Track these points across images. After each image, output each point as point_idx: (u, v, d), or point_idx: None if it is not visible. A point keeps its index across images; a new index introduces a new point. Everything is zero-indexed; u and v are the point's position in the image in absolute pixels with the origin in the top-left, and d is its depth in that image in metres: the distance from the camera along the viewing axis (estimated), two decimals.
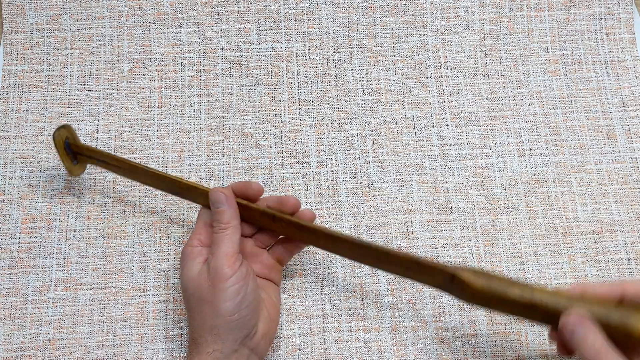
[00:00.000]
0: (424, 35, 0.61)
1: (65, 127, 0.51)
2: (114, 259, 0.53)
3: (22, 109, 0.58)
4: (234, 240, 0.45)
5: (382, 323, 0.51)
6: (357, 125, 0.58)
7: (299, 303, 0.52)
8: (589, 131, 0.58)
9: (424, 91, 0.60)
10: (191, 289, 0.45)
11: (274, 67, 0.60)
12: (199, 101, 0.59)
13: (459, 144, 0.58)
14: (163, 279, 0.53)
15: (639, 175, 0.57)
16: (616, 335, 0.37)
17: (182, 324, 0.51)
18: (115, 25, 0.61)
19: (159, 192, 0.56)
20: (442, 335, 0.51)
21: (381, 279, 0.53)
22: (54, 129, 0.51)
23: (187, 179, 0.49)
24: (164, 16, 0.61)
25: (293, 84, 0.60)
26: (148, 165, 0.50)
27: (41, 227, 0.54)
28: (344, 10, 0.62)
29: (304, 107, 0.59)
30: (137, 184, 0.56)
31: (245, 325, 0.44)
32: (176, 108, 0.59)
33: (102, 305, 0.52)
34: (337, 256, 0.54)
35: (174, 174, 0.56)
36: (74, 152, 0.52)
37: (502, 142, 0.58)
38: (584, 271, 0.53)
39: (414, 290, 0.53)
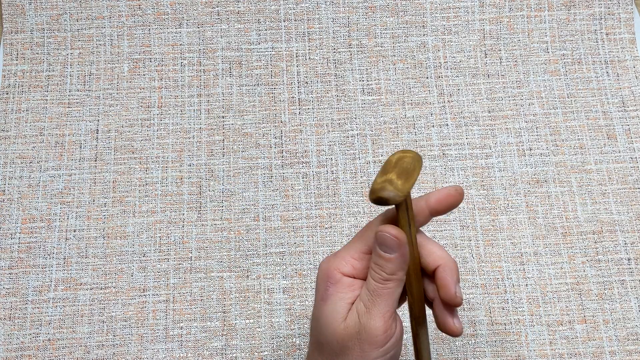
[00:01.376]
0: (424, 35, 0.61)
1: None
2: (114, 259, 0.53)
3: (22, 109, 0.58)
4: (394, 296, 0.36)
5: None
6: (357, 125, 0.58)
7: (299, 303, 0.52)
8: (589, 131, 0.58)
9: (424, 91, 0.60)
10: (331, 336, 0.36)
11: (274, 67, 0.60)
12: (199, 101, 0.59)
13: (459, 144, 0.58)
14: (163, 279, 0.53)
15: (639, 175, 0.56)
16: None
17: (182, 324, 0.52)
18: (115, 25, 0.61)
19: (159, 192, 0.56)
20: (442, 335, 0.51)
21: None
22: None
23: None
24: (164, 16, 0.61)
25: (293, 84, 0.60)
26: None
27: (41, 227, 0.54)
28: (344, 10, 0.62)
29: (304, 107, 0.59)
30: (137, 184, 0.56)
31: None
32: (176, 108, 0.59)
33: (102, 305, 0.52)
34: None
35: (174, 173, 0.56)
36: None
37: (502, 142, 0.58)
38: (584, 271, 0.53)
39: None
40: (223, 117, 0.59)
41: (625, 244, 0.54)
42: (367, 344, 0.35)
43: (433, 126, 0.58)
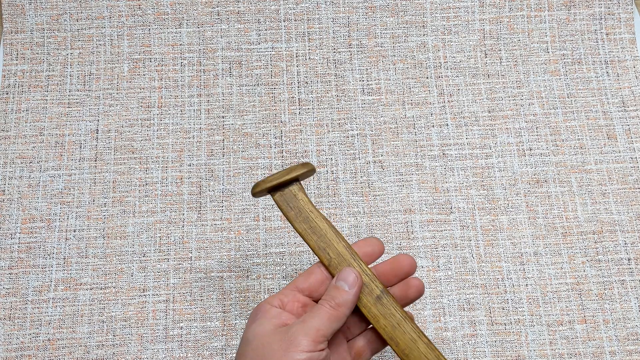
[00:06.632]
0: (424, 35, 0.61)
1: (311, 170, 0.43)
2: (114, 259, 0.53)
3: (22, 109, 0.58)
4: (332, 324, 0.39)
5: None
6: (357, 125, 0.58)
7: None
8: (589, 131, 0.58)
9: (424, 91, 0.60)
10: (256, 344, 0.38)
11: (274, 67, 0.60)
12: (199, 101, 0.59)
13: (459, 144, 0.58)
14: (163, 279, 0.53)
15: (639, 175, 0.56)
16: None
17: (182, 324, 0.52)
18: (115, 25, 0.61)
19: (159, 192, 0.56)
20: (442, 335, 0.51)
21: None
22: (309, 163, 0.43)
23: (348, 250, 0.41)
24: (164, 16, 0.61)
25: (293, 84, 0.60)
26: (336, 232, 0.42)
27: (41, 227, 0.54)
28: (344, 10, 0.62)
29: (304, 107, 0.59)
30: (137, 184, 0.56)
31: None
32: (176, 108, 0.59)
33: (102, 305, 0.52)
34: None
35: (174, 173, 0.56)
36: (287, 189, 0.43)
37: (502, 142, 0.58)
38: (584, 271, 0.53)
39: None
40: (223, 117, 0.59)
41: (625, 244, 0.54)
42: (292, 347, 0.37)
43: (433, 126, 0.58)
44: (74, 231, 0.54)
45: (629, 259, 0.54)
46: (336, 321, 0.39)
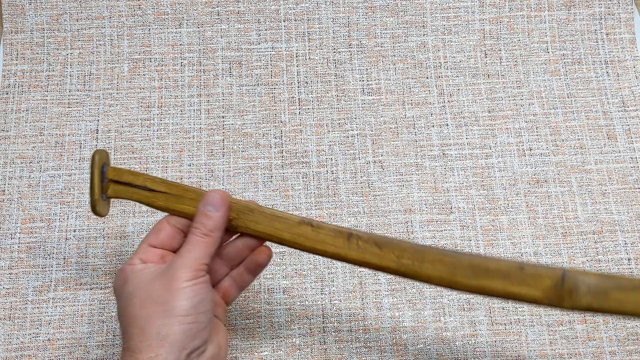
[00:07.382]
0: (424, 35, 0.61)
1: (103, 152, 0.44)
2: (114, 259, 0.53)
3: (22, 109, 0.58)
4: (208, 251, 0.40)
5: (382, 323, 0.51)
6: (357, 125, 0.58)
7: (299, 303, 0.52)
8: (589, 131, 0.58)
9: (424, 91, 0.60)
10: (139, 292, 0.39)
11: (274, 67, 0.60)
12: (199, 101, 0.59)
13: (459, 144, 0.58)
14: None
15: (639, 175, 0.57)
16: None
17: None
18: (115, 25, 0.61)
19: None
20: (442, 335, 0.51)
21: (381, 279, 0.53)
22: (94, 150, 0.44)
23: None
24: (164, 16, 0.61)
25: (293, 84, 0.60)
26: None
27: (41, 227, 0.54)
28: (344, 10, 0.62)
29: (304, 107, 0.59)
30: None
31: (198, 335, 0.38)
32: (176, 108, 0.59)
33: (102, 305, 0.52)
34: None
35: (174, 173, 0.56)
36: (109, 179, 0.43)
37: (502, 142, 0.58)
38: None
39: (414, 290, 0.53)
40: (223, 117, 0.59)
41: (625, 244, 0.54)
42: (174, 281, 0.38)
43: (433, 126, 0.58)
44: (74, 231, 0.54)
45: (629, 259, 0.54)
46: (212, 246, 0.40)
